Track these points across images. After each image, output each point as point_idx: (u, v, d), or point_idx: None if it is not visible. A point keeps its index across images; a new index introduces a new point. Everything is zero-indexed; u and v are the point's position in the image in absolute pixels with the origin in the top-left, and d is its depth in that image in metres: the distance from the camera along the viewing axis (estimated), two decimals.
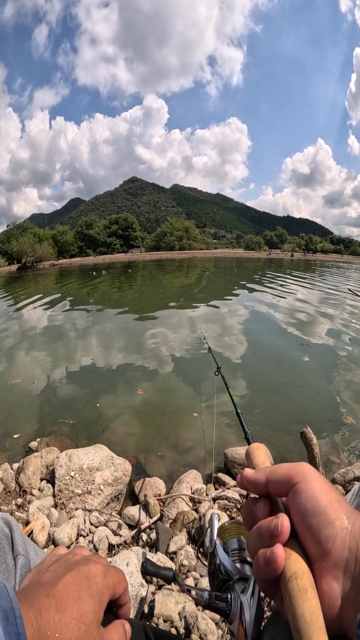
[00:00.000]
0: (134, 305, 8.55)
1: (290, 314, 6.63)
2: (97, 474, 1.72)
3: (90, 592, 0.30)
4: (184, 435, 2.42)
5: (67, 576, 0.30)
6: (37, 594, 0.28)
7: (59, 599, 0.28)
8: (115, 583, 0.33)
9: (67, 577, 0.30)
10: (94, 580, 0.31)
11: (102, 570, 0.33)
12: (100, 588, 0.31)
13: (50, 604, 0.27)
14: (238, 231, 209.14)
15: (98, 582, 0.31)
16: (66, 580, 0.30)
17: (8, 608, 0.24)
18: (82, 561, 0.33)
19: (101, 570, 0.32)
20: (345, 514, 0.28)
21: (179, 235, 62.54)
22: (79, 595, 0.29)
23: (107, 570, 0.33)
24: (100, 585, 0.31)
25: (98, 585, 0.31)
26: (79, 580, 0.30)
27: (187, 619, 1.06)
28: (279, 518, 0.29)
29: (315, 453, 1.63)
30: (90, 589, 0.30)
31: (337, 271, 22.33)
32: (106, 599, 0.31)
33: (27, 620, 0.25)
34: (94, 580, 0.31)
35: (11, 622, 0.23)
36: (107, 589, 0.32)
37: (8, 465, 1.95)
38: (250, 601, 0.37)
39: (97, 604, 0.30)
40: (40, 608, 0.26)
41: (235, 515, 1.56)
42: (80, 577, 0.30)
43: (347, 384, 3.30)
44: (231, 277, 16.97)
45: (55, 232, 51.20)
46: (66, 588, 0.29)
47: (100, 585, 0.31)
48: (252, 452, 0.39)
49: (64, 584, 0.29)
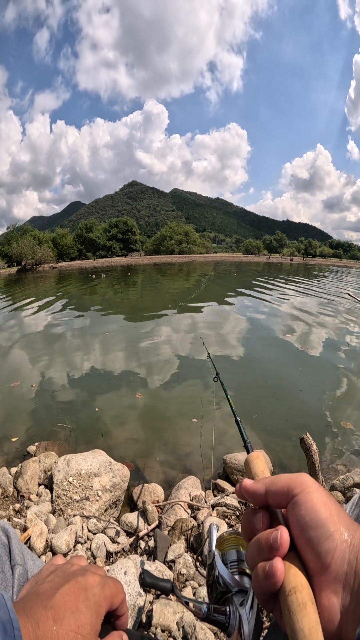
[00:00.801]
0: (133, 309, 8.55)
1: (288, 319, 6.64)
2: (96, 480, 1.71)
3: (88, 603, 0.29)
4: (182, 441, 2.41)
5: (65, 587, 0.30)
6: (34, 605, 0.28)
7: (56, 610, 0.27)
8: (113, 594, 0.33)
9: (65, 588, 0.30)
10: (92, 591, 0.31)
11: (99, 581, 0.32)
12: (97, 599, 0.31)
13: (48, 616, 0.27)
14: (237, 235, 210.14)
15: (95, 593, 0.31)
16: (63, 591, 0.29)
17: (6, 619, 0.24)
18: (80, 572, 0.33)
19: (99, 581, 0.32)
20: (345, 526, 0.28)
21: (179, 239, 62.77)
22: (76, 607, 0.28)
23: (104, 581, 0.33)
24: (98, 596, 0.31)
25: (95, 597, 0.31)
26: (77, 592, 0.30)
27: (185, 629, 1.05)
28: (279, 531, 0.28)
29: (314, 460, 1.62)
30: (88, 600, 0.30)
31: (336, 276, 22.42)
32: (104, 610, 0.31)
33: (25, 632, 0.25)
34: (92, 592, 0.31)
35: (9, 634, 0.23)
36: (104, 600, 0.31)
37: (6, 469, 1.94)
38: (249, 614, 0.36)
39: (94, 616, 0.29)
40: (38, 620, 0.26)
41: (234, 523, 1.55)
42: (77, 589, 0.30)
43: (346, 390, 3.29)
44: (230, 281, 17.01)
45: (55, 235, 51.33)
46: (63, 599, 0.29)
47: (98, 596, 0.31)
48: (252, 462, 0.39)
49: (62, 595, 0.29)
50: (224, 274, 22.32)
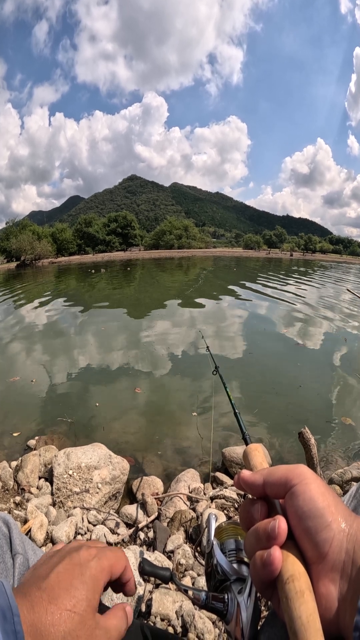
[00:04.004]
0: (132, 304, 8.54)
1: (286, 314, 6.64)
2: (95, 473, 1.72)
3: (83, 579, 0.29)
4: (182, 435, 2.42)
5: (59, 566, 0.30)
6: (30, 589, 0.28)
7: (50, 590, 0.27)
8: (112, 564, 0.32)
9: (59, 567, 0.30)
10: (87, 566, 0.30)
11: (95, 554, 0.32)
12: (93, 573, 0.30)
13: (42, 597, 0.27)
14: (237, 230, 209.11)
15: (91, 567, 0.30)
16: (58, 570, 0.29)
17: (5, 606, 0.24)
18: (75, 548, 0.32)
19: (94, 554, 0.32)
20: (342, 516, 0.28)
21: (178, 233, 62.43)
22: (70, 584, 0.28)
23: (101, 552, 0.32)
24: (94, 569, 0.30)
25: (91, 570, 0.30)
26: (71, 569, 0.29)
27: (184, 618, 1.06)
28: (276, 520, 0.29)
29: (313, 453, 1.63)
30: (83, 575, 0.29)
31: (335, 271, 22.37)
32: (101, 583, 0.31)
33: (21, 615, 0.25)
34: (87, 566, 0.30)
35: (9, 620, 0.23)
36: (101, 573, 0.31)
37: (6, 463, 1.95)
38: (247, 602, 0.37)
39: (90, 591, 0.29)
40: (33, 602, 0.26)
41: (232, 515, 1.56)
42: (72, 565, 0.30)
43: (345, 385, 3.31)
44: (229, 276, 16.97)
45: (54, 229, 50.98)
46: (58, 578, 0.28)
47: (94, 569, 0.30)
48: (250, 453, 0.40)
49: (56, 574, 0.29)
50: (224, 268, 22.25)
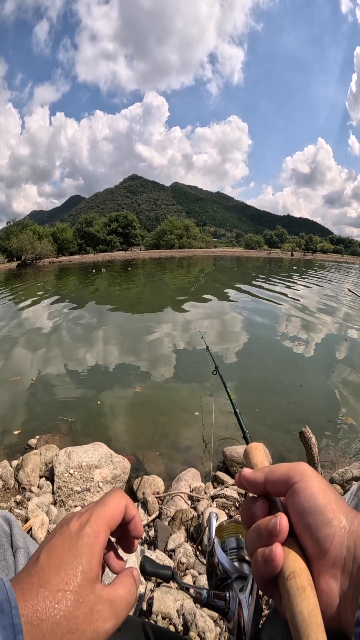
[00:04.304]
0: (133, 304, 8.54)
1: (287, 314, 6.63)
2: (96, 472, 1.72)
3: (75, 551, 0.26)
4: (182, 434, 2.43)
5: (48, 545, 0.27)
6: (20, 576, 0.26)
7: (40, 573, 0.25)
8: (108, 519, 0.29)
9: (48, 545, 0.27)
10: (78, 535, 0.27)
11: (86, 518, 0.29)
12: (87, 541, 0.27)
13: (32, 582, 0.25)
14: (238, 230, 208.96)
15: (84, 534, 0.27)
16: (47, 549, 0.27)
17: (3, 598, 0.23)
18: (65, 521, 0.30)
19: (86, 519, 0.28)
20: (343, 513, 0.28)
21: (179, 233, 62.42)
22: (61, 561, 0.26)
23: (94, 511, 0.29)
24: (87, 536, 0.27)
25: (84, 539, 0.27)
26: (61, 544, 0.27)
27: (186, 616, 1.07)
28: (278, 517, 0.29)
29: (313, 453, 1.64)
30: (75, 547, 0.27)
31: (336, 271, 22.33)
32: (99, 547, 0.28)
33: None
34: (78, 535, 0.27)
35: (7, 613, 0.22)
36: (96, 536, 0.28)
37: (7, 462, 1.96)
38: (248, 599, 0.37)
39: (86, 561, 0.26)
40: (23, 589, 0.24)
41: (233, 514, 1.57)
42: (62, 540, 0.27)
43: (346, 385, 3.31)
44: (230, 276, 16.96)
45: (54, 229, 51.02)
46: (47, 558, 0.26)
47: (87, 536, 0.27)
48: (251, 452, 0.40)
49: (45, 554, 0.26)
50: (224, 268, 22.24)
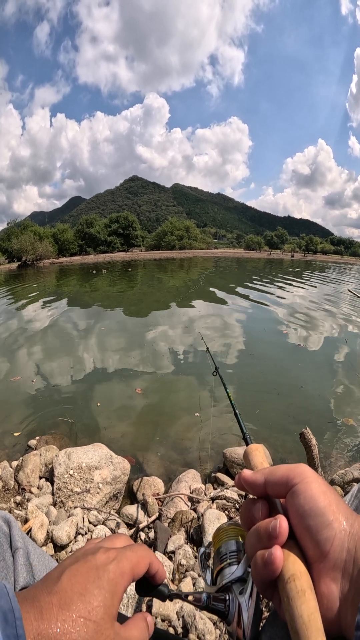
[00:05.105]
0: (133, 304, 8.55)
1: (287, 315, 6.62)
2: (96, 473, 1.72)
3: (100, 583, 0.27)
4: (182, 435, 2.42)
5: (72, 568, 0.27)
6: (39, 592, 0.25)
7: (62, 594, 0.25)
8: (134, 564, 0.30)
9: (72, 569, 0.27)
10: (104, 569, 0.28)
11: (114, 556, 0.29)
12: (112, 577, 0.27)
13: (52, 602, 0.24)
14: (238, 231, 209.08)
15: (109, 570, 0.28)
16: (71, 573, 0.27)
17: (7, 609, 0.23)
18: (91, 550, 0.30)
19: (113, 556, 0.29)
20: (344, 515, 0.28)
21: (180, 234, 62.47)
22: (85, 589, 0.26)
23: (121, 554, 0.30)
24: (113, 573, 0.28)
25: (109, 574, 0.27)
26: (86, 572, 0.27)
27: (185, 618, 1.06)
28: (277, 519, 0.29)
29: (314, 454, 1.63)
30: (100, 579, 0.27)
31: (337, 272, 22.33)
32: (122, 587, 0.28)
33: (28, 622, 0.23)
34: (104, 569, 0.28)
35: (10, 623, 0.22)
36: (122, 577, 0.28)
37: (7, 463, 1.96)
38: (248, 602, 0.36)
39: (109, 597, 0.26)
40: (42, 607, 0.24)
41: (233, 515, 1.56)
42: (87, 568, 0.27)
43: (347, 386, 3.30)
44: (230, 277, 16.96)
45: (55, 230, 51.09)
46: (70, 582, 0.26)
47: (113, 573, 0.28)
48: (251, 453, 0.39)
49: (68, 577, 0.26)
50: (225, 269, 22.24)
